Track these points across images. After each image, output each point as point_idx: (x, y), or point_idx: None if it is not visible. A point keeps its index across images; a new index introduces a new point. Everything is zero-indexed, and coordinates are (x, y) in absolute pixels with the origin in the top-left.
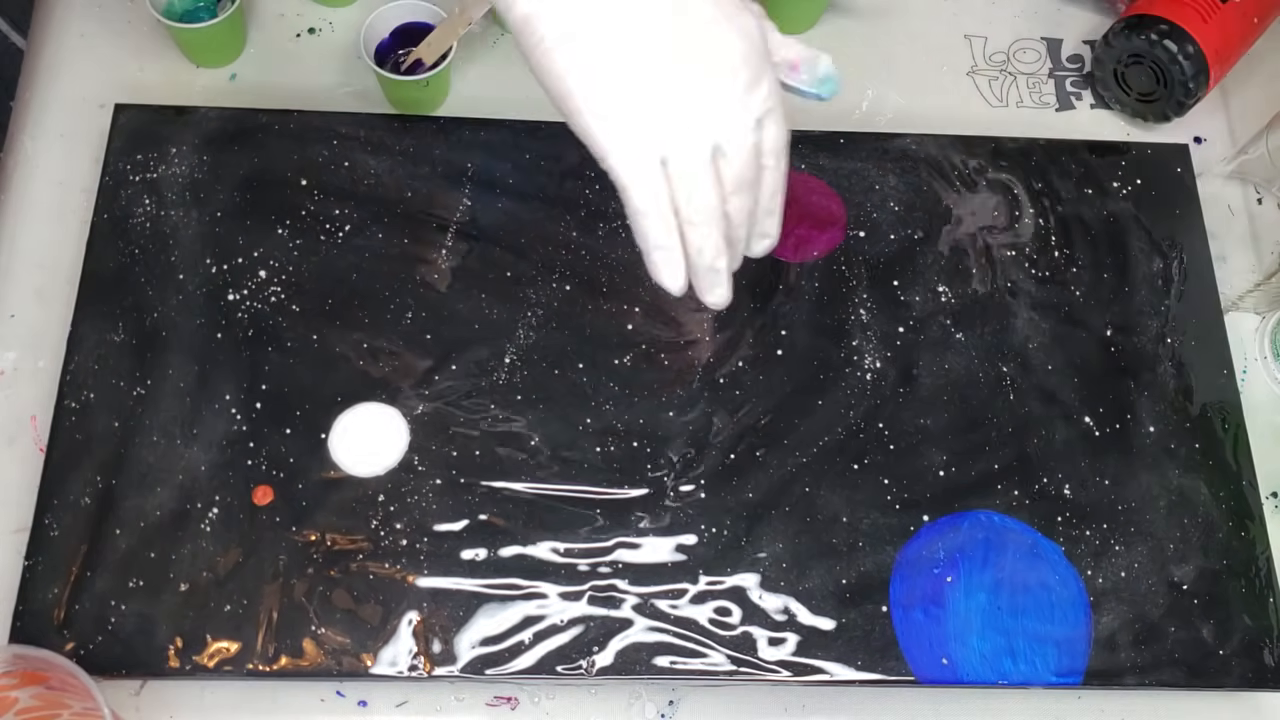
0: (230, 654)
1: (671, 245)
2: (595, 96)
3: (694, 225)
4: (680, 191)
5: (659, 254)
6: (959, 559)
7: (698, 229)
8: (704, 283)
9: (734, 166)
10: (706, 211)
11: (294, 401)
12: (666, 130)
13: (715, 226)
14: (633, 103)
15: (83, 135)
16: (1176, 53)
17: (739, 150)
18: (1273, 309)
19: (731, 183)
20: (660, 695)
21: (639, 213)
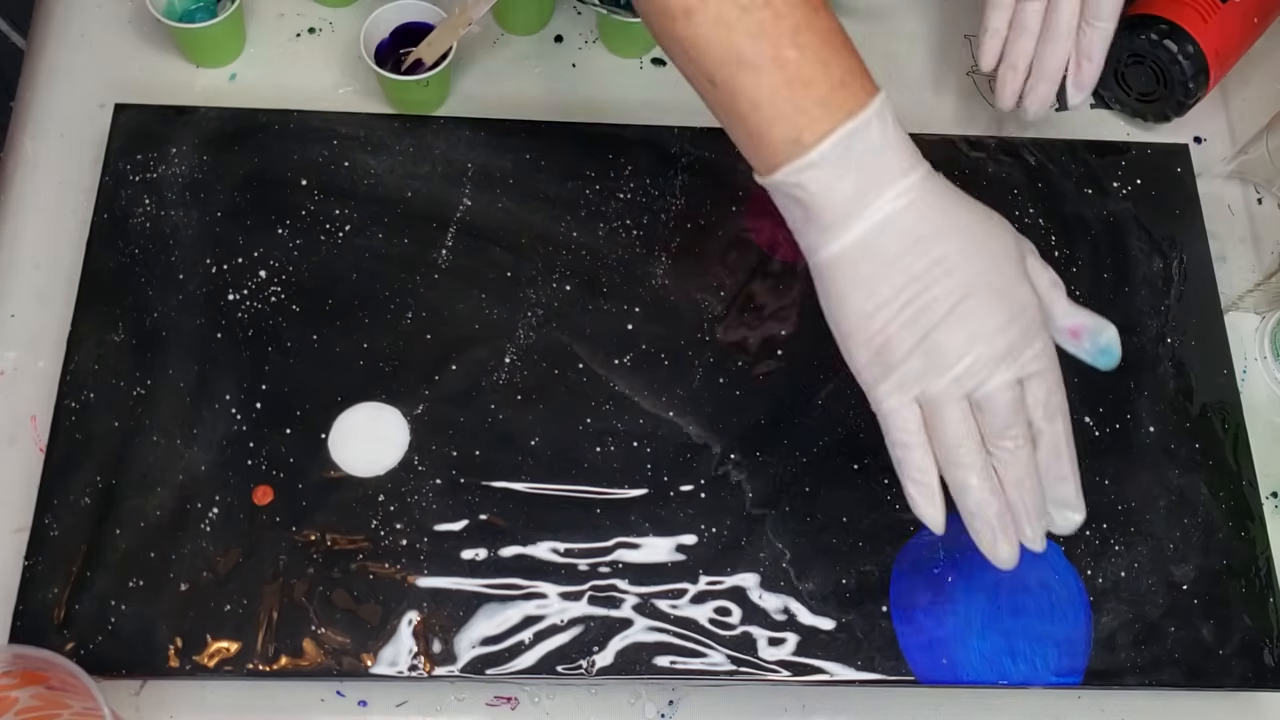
0: (230, 654)
1: (926, 481)
2: (866, 334)
3: (951, 466)
4: (934, 432)
5: (913, 486)
6: (959, 559)
7: (955, 470)
8: (976, 533)
9: (989, 419)
10: (959, 454)
11: (294, 401)
12: (923, 375)
13: (974, 473)
14: (898, 347)
15: (83, 135)
16: (1176, 53)
17: (994, 405)
18: (1273, 309)
19: (990, 433)
20: (660, 695)
21: (893, 444)
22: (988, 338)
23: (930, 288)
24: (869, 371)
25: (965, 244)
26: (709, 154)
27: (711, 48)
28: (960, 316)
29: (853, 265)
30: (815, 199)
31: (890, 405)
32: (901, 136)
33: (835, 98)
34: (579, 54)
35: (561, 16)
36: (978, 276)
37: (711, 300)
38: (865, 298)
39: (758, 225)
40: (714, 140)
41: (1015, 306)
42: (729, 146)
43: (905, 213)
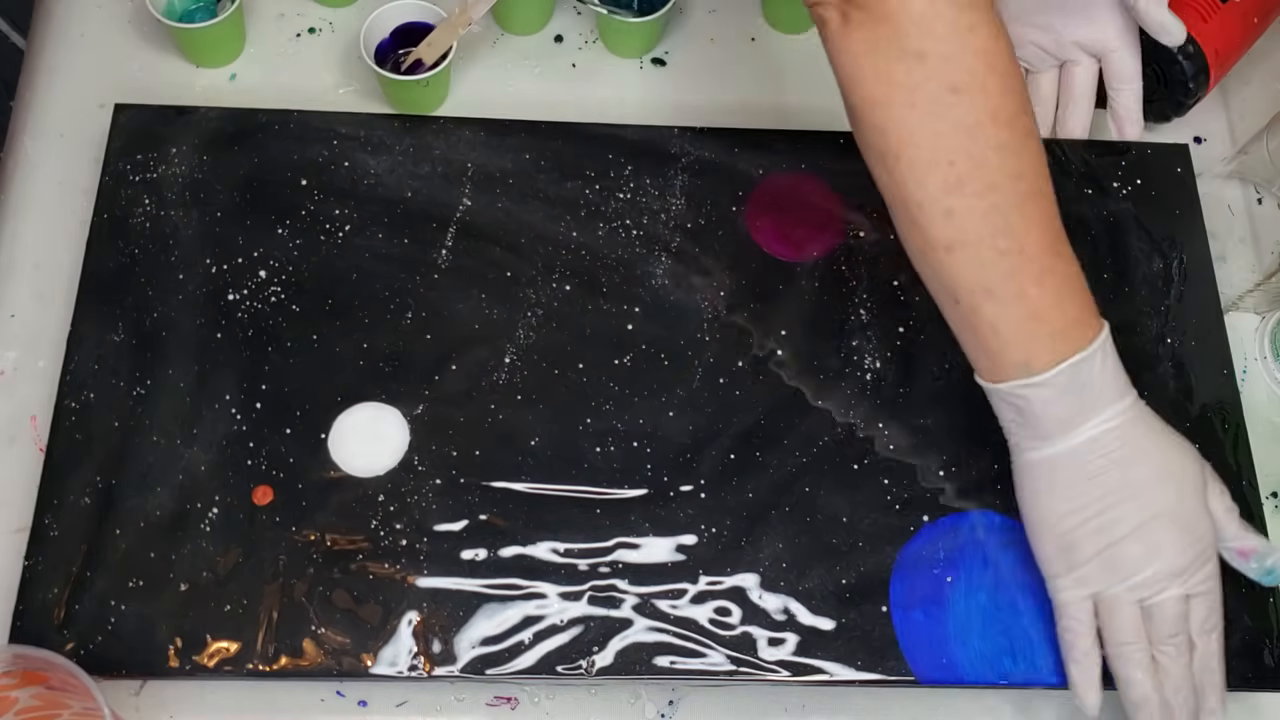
0: (230, 654)
1: (1089, 666)
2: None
3: (1120, 660)
4: (1107, 627)
5: (1076, 668)
6: (959, 559)
7: (1124, 664)
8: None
9: (1157, 625)
10: (1129, 650)
11: (294, 401)
12: (1101, 578)
13: (1141, 669)
14: (1082, 550)
15: (83, 135)
16: (1176, 53)
17: (1164, 614)
18: (1273, 309)
19: (1156, 637)
20: (660, 695)
21: (1064, 629)
22: (1167, 557)
23: (1120, 504)
24: (1052, 565)
25: (1158, 470)
26: (709, 154)
27: (965, 278)
28: (1143, 535)
29: (1054, 470)
30: (1035, 412)
31: (1067, 597)
32: (1118, 367)
33: (1067, 333)
34: (579, 54)
35: (561, 16)
36: (1164, 501)
37: (711, 300)
38: (1061, 500)
39: (758, 225)
40: (714, 140)
41: (1194, 534)
42: (729, 146)
43: (1110, 435)
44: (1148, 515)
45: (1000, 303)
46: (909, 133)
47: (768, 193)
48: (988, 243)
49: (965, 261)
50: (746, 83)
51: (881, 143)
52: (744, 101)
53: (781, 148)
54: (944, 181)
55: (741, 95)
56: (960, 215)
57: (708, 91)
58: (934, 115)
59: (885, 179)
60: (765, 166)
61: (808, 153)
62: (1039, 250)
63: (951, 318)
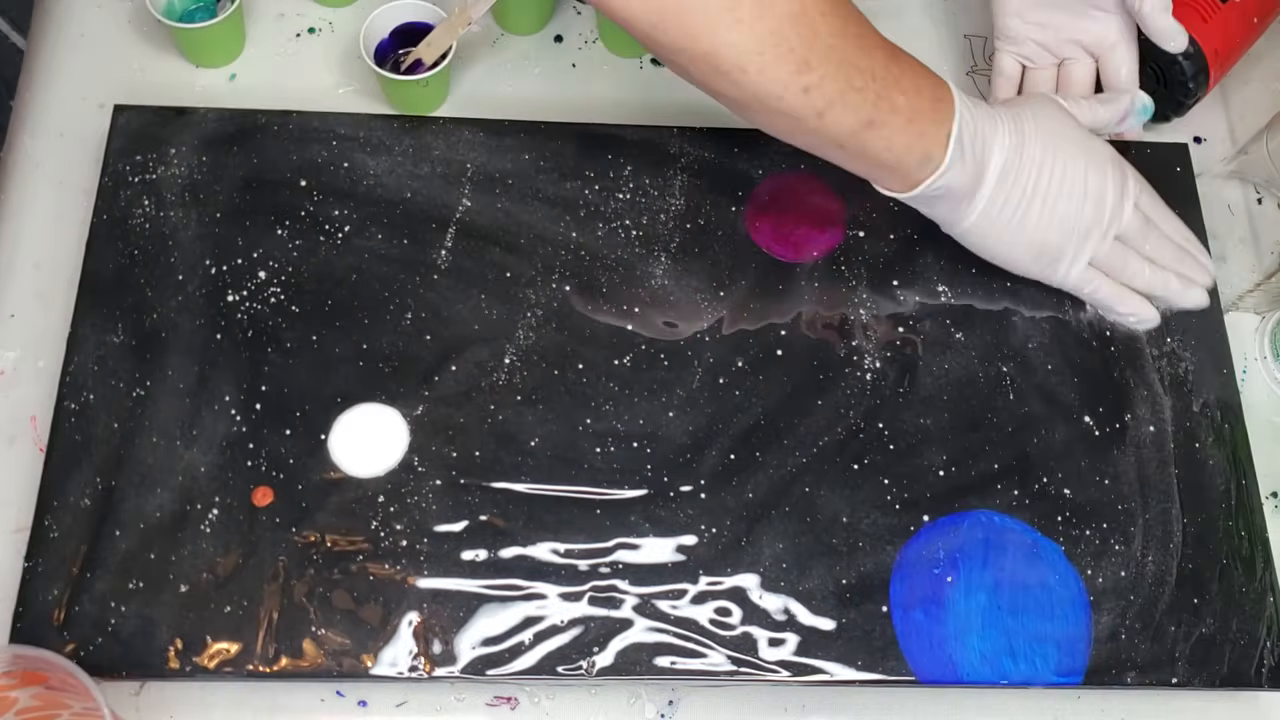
0: (230, 655)
1: (1128, 297)
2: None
3: (1133, 278)
4: (1110, 270)
5: (1122, 306)
6: (959, 559)
7: (1136, 280)
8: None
9: (1134, 239)
10: (1134, 270)
11: (294, 402)
12: (1085, 250)
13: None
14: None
15: (82, 135)
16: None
17: (1131, 229)
18: (1273, 309)
19: (1139, 245)
20: (660, 695)
21: (1092, 293)
22: (1105, 194)
23: (1049, 190)
24: (1047, 270)
25: (1050, 143)
26: (709, 154)
27: (843, 127)
28: (1084, 195)
29: (992, 212)
30: (953, 188)
31: (1074, 276)
32: (975, 105)
33: (939, 110)
34: (579, 54)
35: (561, 16)
36: (1069, 158)
37: (711, 300)
38: (1009, 228)
39: (757, 225)
40: (714, 140)
41: (1104, 158)
42: (729, 146)
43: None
44: (1074, 179)
45: (880, 126)
46: (745, 45)
47: (767, 193)
48: (848, 89)
49: (837, 115)
50: None
51: (717, 64)
52: None
53: (781, 148)
54: (793, 67)
55: None
56: (817, 84)
57: None
58: (761, 19)
59: (732, 90)
60: (765, 166)
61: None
62: (886, 65)
63: (841, 160)
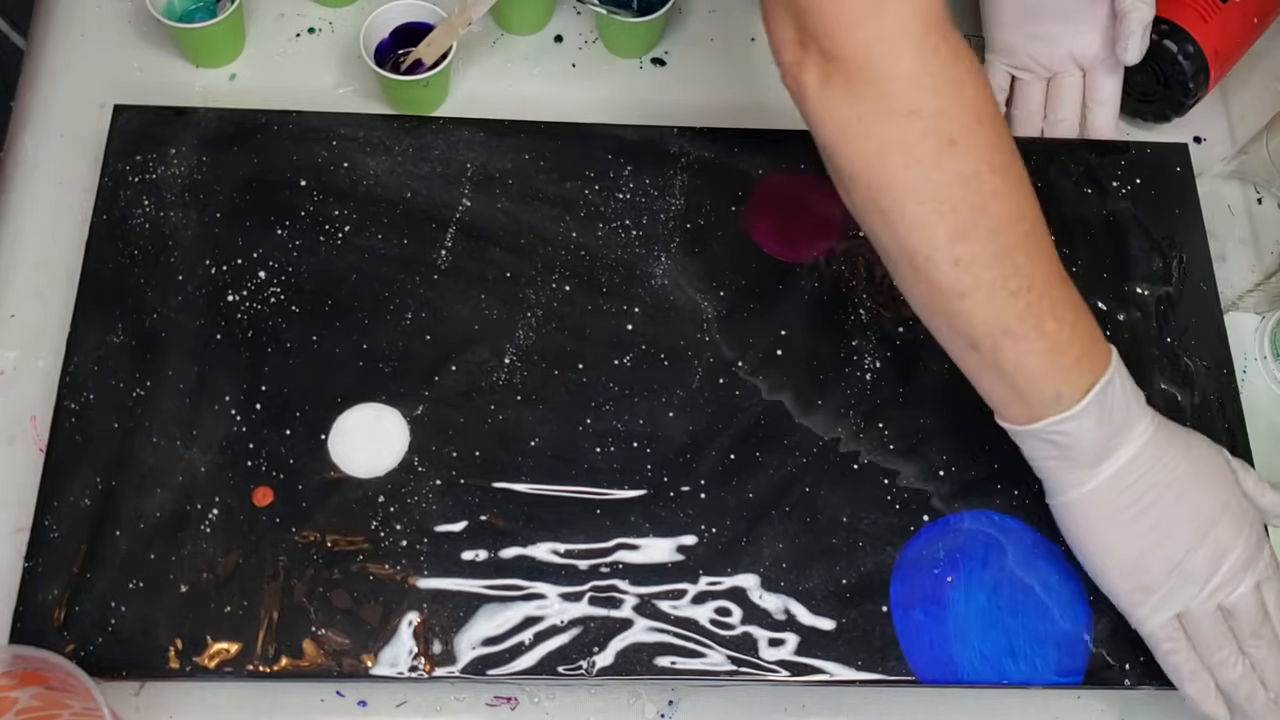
0: (230, 655)
1: (1202, 682)
2: (1123, 562)
3: (1217, 666)
4: (1197, 640)
5: (1191, 687)
6: (959, 559)
7: (1221, 670)
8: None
9: (1241, 622)
10: (1222, 655)
11: (294, 402)
12: (1177, 596)
13: (1238, 669)
14: (1154, 573)
15: (82, 135)
16: (1176, 53)
17: (1244, 609)
18: (1273, 309)
19: (1243, 633)
20: (660, 695)
21: (1164, 654)
22: (1229, 553)
23: (1173, 516)
24: (1129, 598)
25: (1194, 470)
26: (709, 154)
27: (981, 323)
28: (1205, 540)
29: (1102, 502)
30: (1074, 443)
31: (1154, 625)
32: (1131, 382)
33: (1087, 359)
34: (579, 54)
35: (561, 16)
36: (1211, 499)
37: (711, 300)
38: (1117, 531)
39: (757, 225)
40: (714, 140)
41: (1246, 520)
42: (729, 146)
43: (1145, 450)
44: (1202, 519)
45: (1020, 341)
46: (910, 188)
47: (767, 193)
48: (999, 285)
49: (979, 306)
50: (746, 83)
51: (879, 200)
52: (744, 101)
53: (781, 148)
54: (949, 231)
55: (741, 95)
56: (968, 262)
57: (708, 91)
58: (934, 169)
59: (887, 236)
60: (765, 166)
61: (808, 153)
62: (1047, 285)
63: (970, 365)
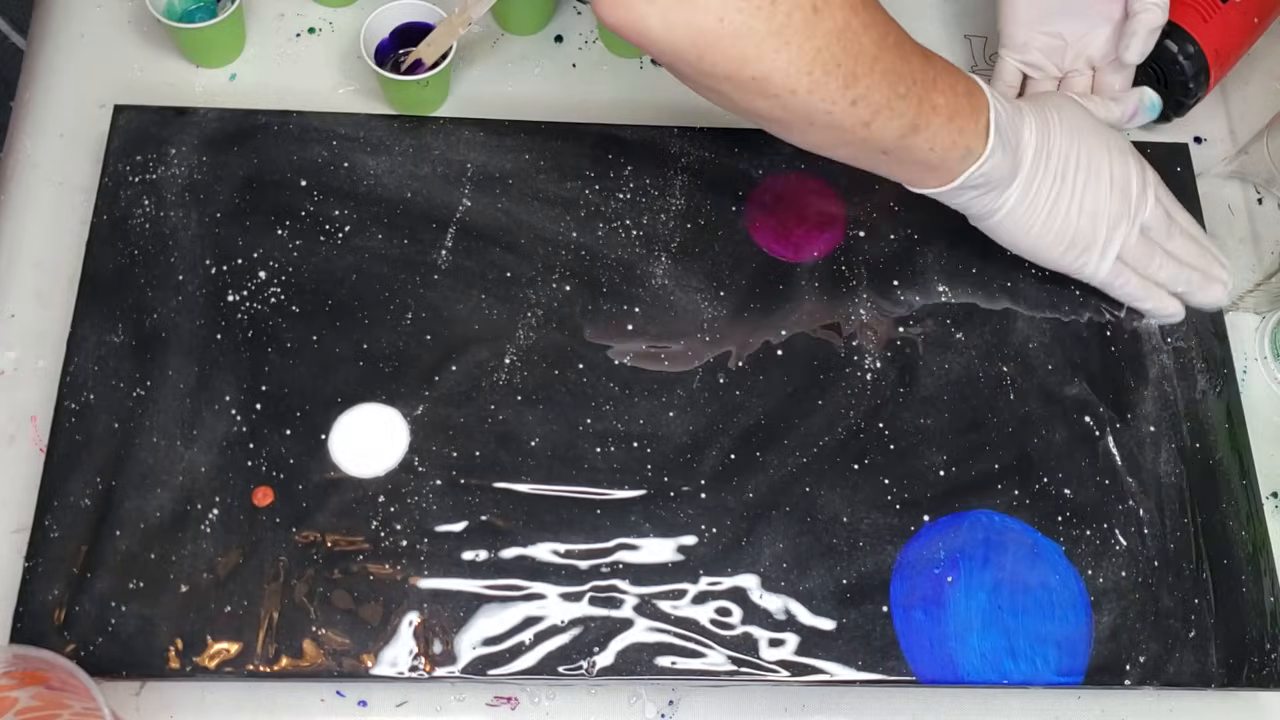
0: (230, 655)
1: (1152, 292)
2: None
3: (1156, 273)
4: (1136, 265)
5: (1147, 302)
6: (959, 559)
7: (1159, 274)
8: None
9: (1156, 230)
10: (1159, 263)
11: (294, 402)
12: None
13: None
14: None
15: (82, 135)
16: (1176, 53)
17: (1155, 220)
18: (1273, 309)
19: (1161, 237)
20: (660, 695)
21: (1121, 287)
22: (1130, 181)
23: (1075, 181)
24: (1079, 262)
25: (1074, 132)
26: (709, 154)
27: (888, 134)
28: (1109, 182)
29: (1026, 203)
30: (990, 178)
31: (1105, 270)
32: (1002, 95)
33: (972, 105)
34: (579, 54)
35: (561, 16)
36: (1096, 145)
37: (711, 300)
38: (1046, 217)
39: (757, 225)
40: (714, 140)
41: (1123, 147)
42: (729, 146)
43: (1040, 144)
44: (1099, 168)
45: (924, 129)
46: (794, 67)
47: (767, 193)
48: (893, 98)
49: (883, 123)
50: None
51: (764, 87)
52: None
53: (781, 148)
54: (840, 82)
55: None
56: (863, 96)
57: None
58: (809, 39)
59: (778, 112)
60: (765, 166)
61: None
62: (922, 67)
63: (881, 165)
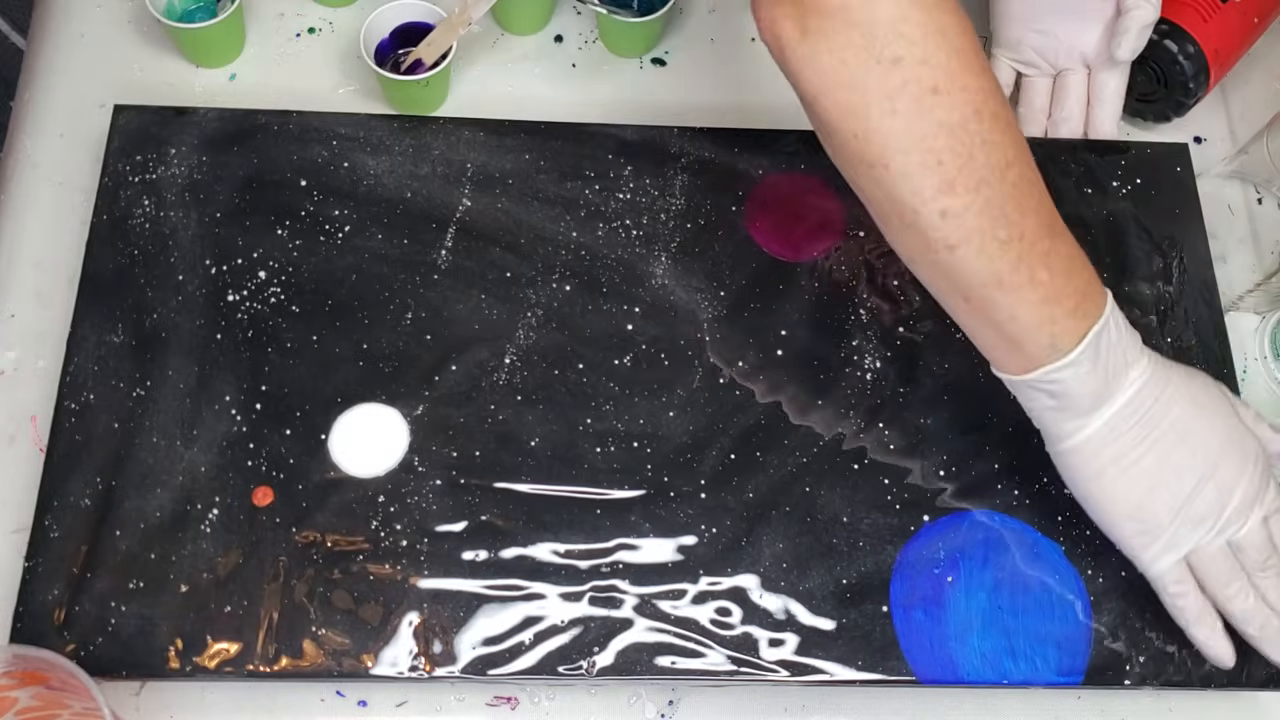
0: (230, 655)
1: (1210, 621)
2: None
3: (1227, 601)
4: (1206, 579)
5: (1197, 629)
6: (959, 559)
7: (1232, 604)
8: (1265, 649)
9: (1249, 555)
10: (1232, 590)
11: (294, 402)
12: (1185, 537)
13: (1247, 600)
14: (1160, 516)
15: (82, 135)
16: (1176, 53)
17: (1253, 543)
18: (1273, 309)
19: (1251, 566)
20: (660, 695)
21: (1171, 597)
22: (1235, 489)
23: (1176, 455)
24: (1136, 541)
25: (1193, 407)
26: (709, 154)
27: (972, 274)
28: (1210, 477)
29: (1103, 448)
30: (1070, 391)
31: (1162, 567)
32: (1127, 326)
33: (1083, 307)
34: (579, 54)
35: (561, 16)
36: (1213, 435)
37: (711, 300)
38: (1120, 476)
39: (758, 225)
40: (714, 140)
41: (1250, 454)
42: (729, 146)
43: (1143, 392)
44: (1205, 456)
45: (1013, 291)
46: (894, 139)
47: (767, 193)
48: (989, 235)
49: (969, 258)
50: (746, 83)
51: (863, 152)
52: (744, 101)
53: (781, 148)
54: (936, 183)
55: (741, 95)
56: (957, 213)
57: (708, 91)
58: (918, 118)
59: (872, 188)
60: (765, 166)
61: (808, 153)
62: (1038, 234)
63: (963, 317)
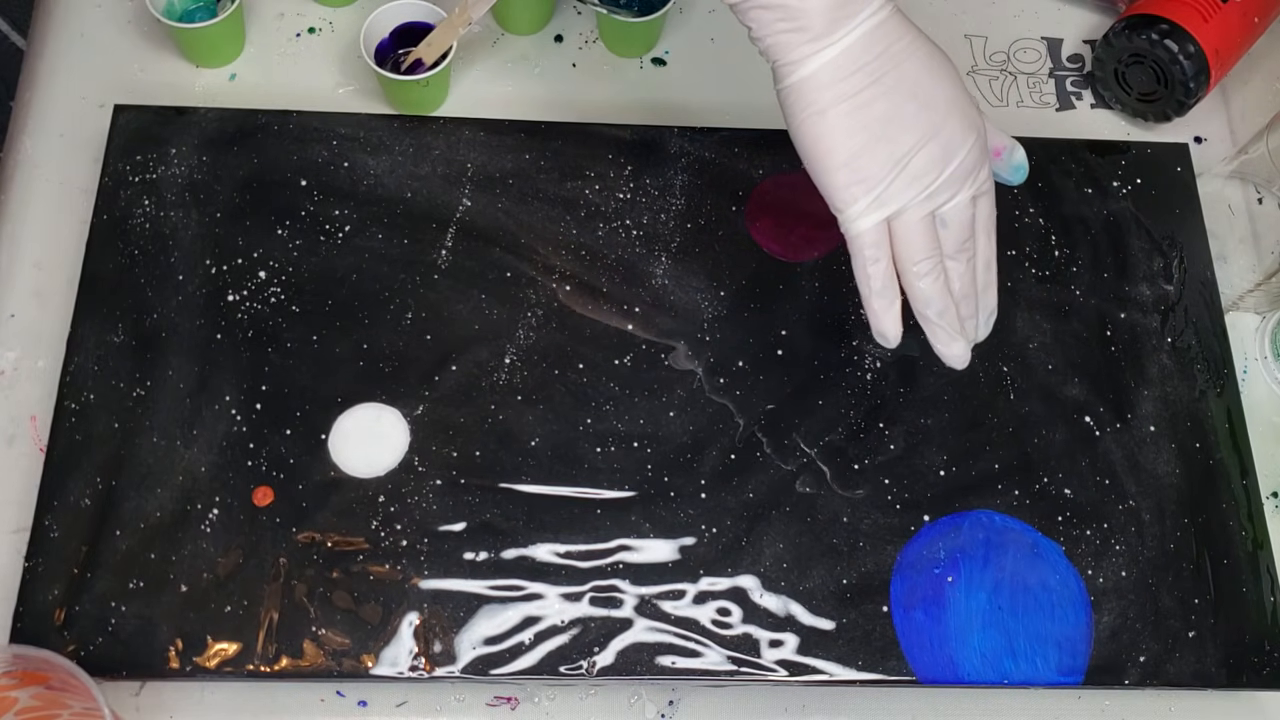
0: (230, 655)
1: (890, 295)
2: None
3: (917, 278)
4: (902, 247)
5: (877, 299)
6: (959, 559)
7: (920, 281)
8: (934, 336)
9: (951, 232)
10: (925, 266)
11: (294, 402)
12: (896, 195)
13: (937, 280)
14: (870, 170)
15: (82, 135)
16: (1177, 52)
17: (957, 221)
18: (1273, 309)
19: (950, 246)
20: (660, 695)
21: (864, 260)
22: (955, 155)
23: (903, 108)
24: (846, 193)
25: (928, 63)
26: (709, 154)
27: None
28: (935, 137)
29: (835, 80)
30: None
31: (864, 225)
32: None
33: None
34: (579, 54)
35: (561, 16)
36: (945, 97)
37: (711, 300)
38: (843, 116)
39: (758, 225)
40: (714, 140)
41: (972, 125)
42: (729, 146)
43: (878, 30)
44: (932, 115)
45: None
46: None
47: (767, 193)
48: None
49: None
50: (746, 83)
51: None
52: (744, 101)
53: (781, 148)
54: None
55: (741, 95)
56: None
57: (708, 91)
58: None
59: None
60: (765, 166)
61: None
62: None
63: None
